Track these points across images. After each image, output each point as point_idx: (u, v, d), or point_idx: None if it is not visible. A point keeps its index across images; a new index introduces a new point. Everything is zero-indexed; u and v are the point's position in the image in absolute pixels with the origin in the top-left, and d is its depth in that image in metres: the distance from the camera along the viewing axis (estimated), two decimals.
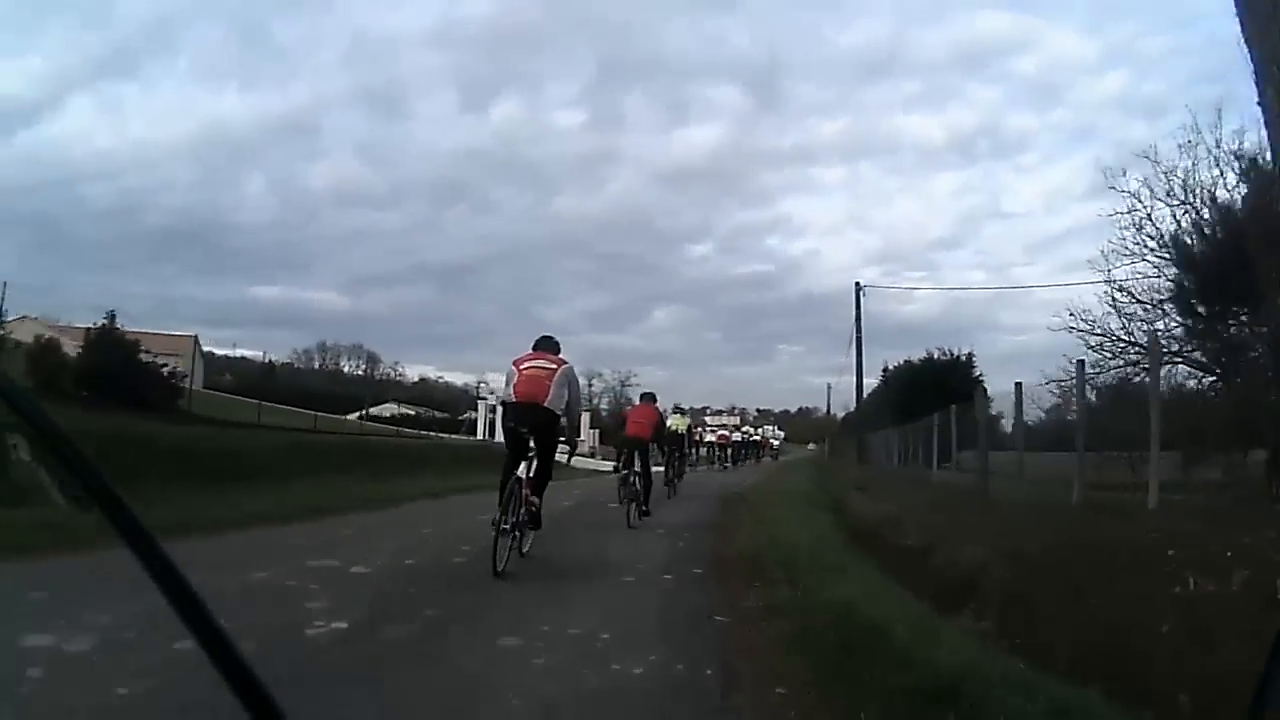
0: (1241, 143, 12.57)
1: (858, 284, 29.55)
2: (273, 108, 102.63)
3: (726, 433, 35.39)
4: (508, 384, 6.94)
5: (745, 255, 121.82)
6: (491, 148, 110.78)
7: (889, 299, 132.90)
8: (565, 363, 7.00)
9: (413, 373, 75.80)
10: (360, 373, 72.36)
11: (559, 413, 6.76)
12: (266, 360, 69.58)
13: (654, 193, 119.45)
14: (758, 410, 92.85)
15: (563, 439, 7.06)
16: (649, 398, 13.32)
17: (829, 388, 59.69)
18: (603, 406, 73.58)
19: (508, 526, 6.19)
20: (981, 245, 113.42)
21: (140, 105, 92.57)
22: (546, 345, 7.24)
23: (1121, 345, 14.56)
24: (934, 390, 24.49)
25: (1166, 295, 13.93)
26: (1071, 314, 15.57)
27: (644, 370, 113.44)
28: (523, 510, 6.47)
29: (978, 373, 28.91)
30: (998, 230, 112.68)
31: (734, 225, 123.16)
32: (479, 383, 55.49)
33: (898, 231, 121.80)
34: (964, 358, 30.90)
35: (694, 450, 24.46)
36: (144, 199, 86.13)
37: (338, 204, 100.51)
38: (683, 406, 21.78)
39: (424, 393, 67.70)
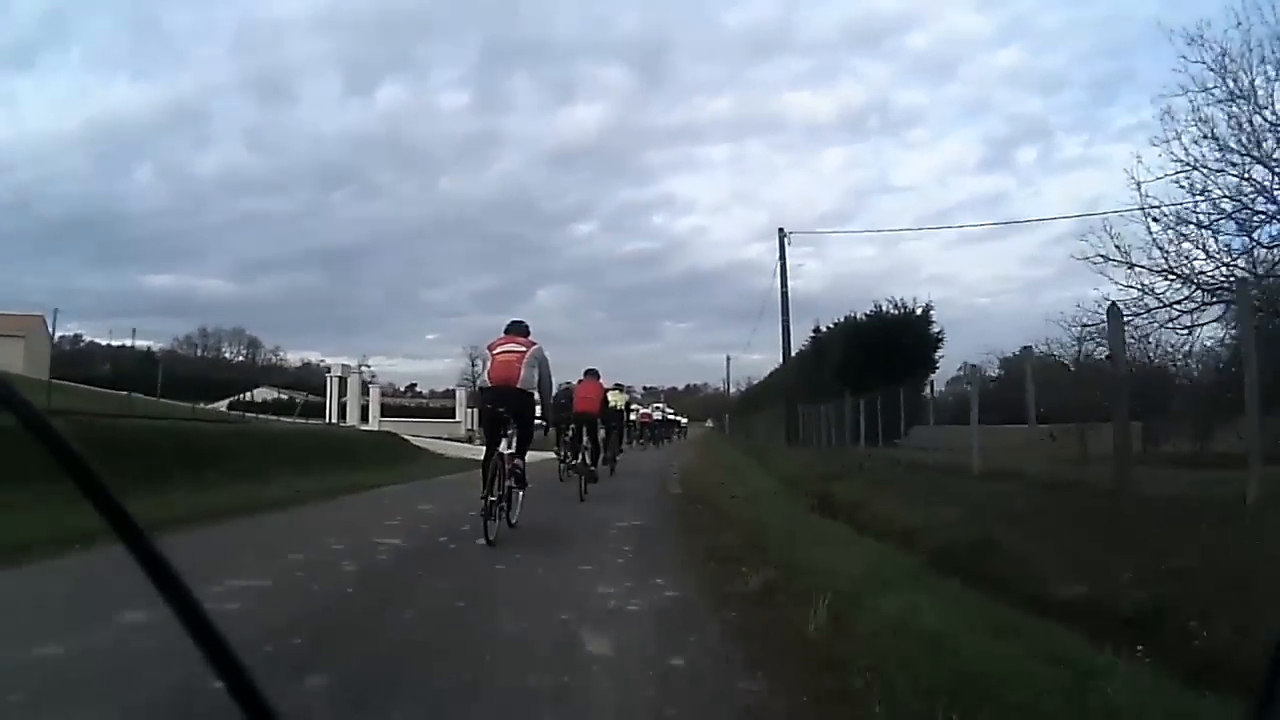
0: None
1: (781, 230, 26.17)
2: (162, 96, 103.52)
3: (648, 412, 36.11)
4: (483, 368, 7.59)
5: (630, 233, 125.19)
6: (377, 131, 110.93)
7: (771, 274, 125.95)
8: (535, 344, 7.57)
9: (295, 358, 75.20)
10: (241, 358, 72.25)
11: (532, 391, 7.40)
12: (146, 349, 66.47)
13: (539, 173, 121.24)
14: (644, 388, 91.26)
15: (539, 417, 7.84)
16: (593, 374, 13.31)
17: (728, 360, 59.61)
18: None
19: (495, 498, 6.80)
20: (871, 219, 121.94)
21: (34, 97, 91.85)
22: (516, 329, 7.74)
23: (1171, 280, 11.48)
24: (882, 353, 22.19)
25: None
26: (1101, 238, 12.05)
27: None
28: (509, 482, 7.10)
29: (937, 330, 25.23)
30: (887, 204, 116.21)
31: (619, 204, 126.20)
32: (360, 365, 55.50)
33: (785, 207, 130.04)
34: (920, 311, 25.45)
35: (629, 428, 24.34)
36: (38, 191, 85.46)
37: (226, 191, 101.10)
38: (621, 384, 21.61)
39: (304, 378, 65.60)
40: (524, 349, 7.42)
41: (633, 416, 29.47)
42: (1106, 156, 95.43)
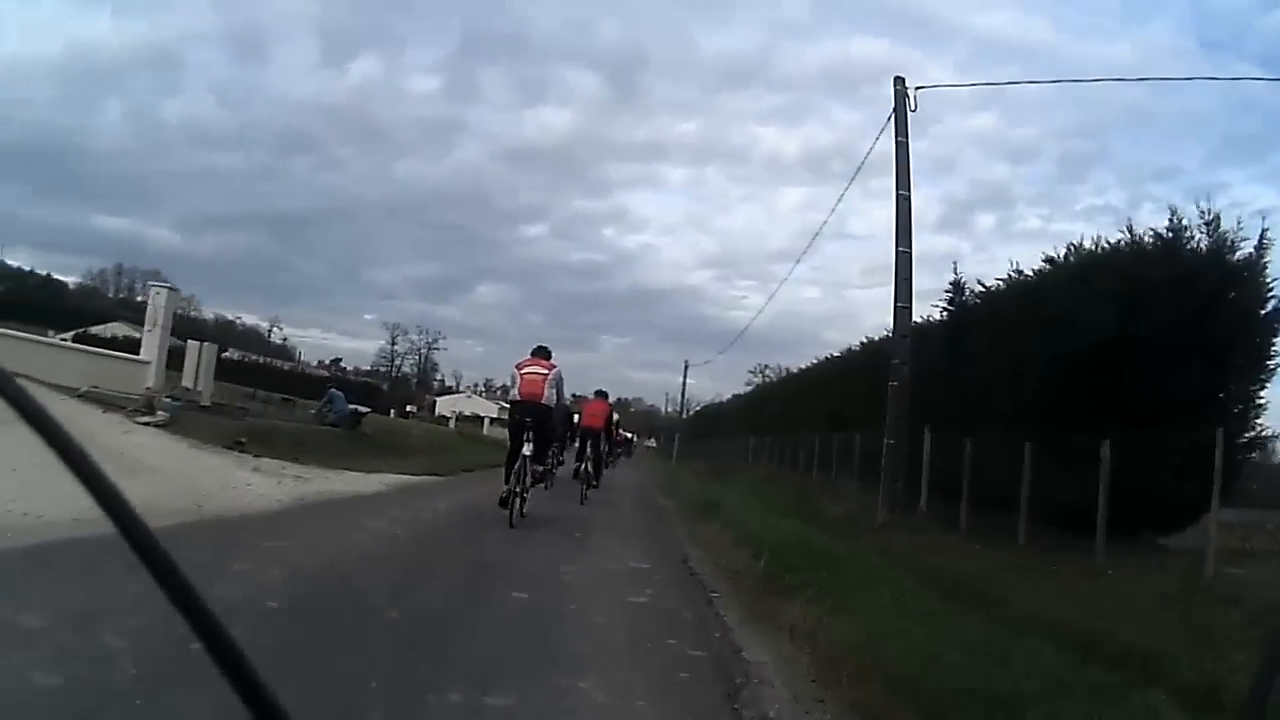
0: None
1: (899, 79, 14.23)
2: (142, 36, 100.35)
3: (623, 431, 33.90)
4: (513, 385, 9.64)
5: (579, 243, 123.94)
6: (344, 104, 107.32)
7: (719, 303, 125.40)
8: (555, 367, 9.42)
9: (210, 312, 70.64)
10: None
11: (552, 406, 9.34)
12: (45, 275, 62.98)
13: (497, 169, 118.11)
14: (574, 395, 79.90)
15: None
16: (602, 394, 17.30)
17: (685, 370, 49.01)
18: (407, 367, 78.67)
19: (519, 490, 8.78)
20: (820, 262, 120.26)
21: (14, 18, 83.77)
22: (541, 353, 9.58)
23: None
24: (1116, 346, 9.91)
25: None
26: None
27: (463, 344, 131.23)
28: (528, 479, 8.98)
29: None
30: (839, 250, 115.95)
31: (572, 211, 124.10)
32: (271, 326, 59.35)
33: (737, 238, 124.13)
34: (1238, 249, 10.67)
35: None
36: (3, 112, 74.05)
37: (189, 141, 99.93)
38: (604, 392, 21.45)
39: (216, 332, 60.27)
40: (547, 371, 9.25)
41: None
42: (1066, 233, 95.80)
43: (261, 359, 55.86)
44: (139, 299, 67.16)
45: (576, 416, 16.68)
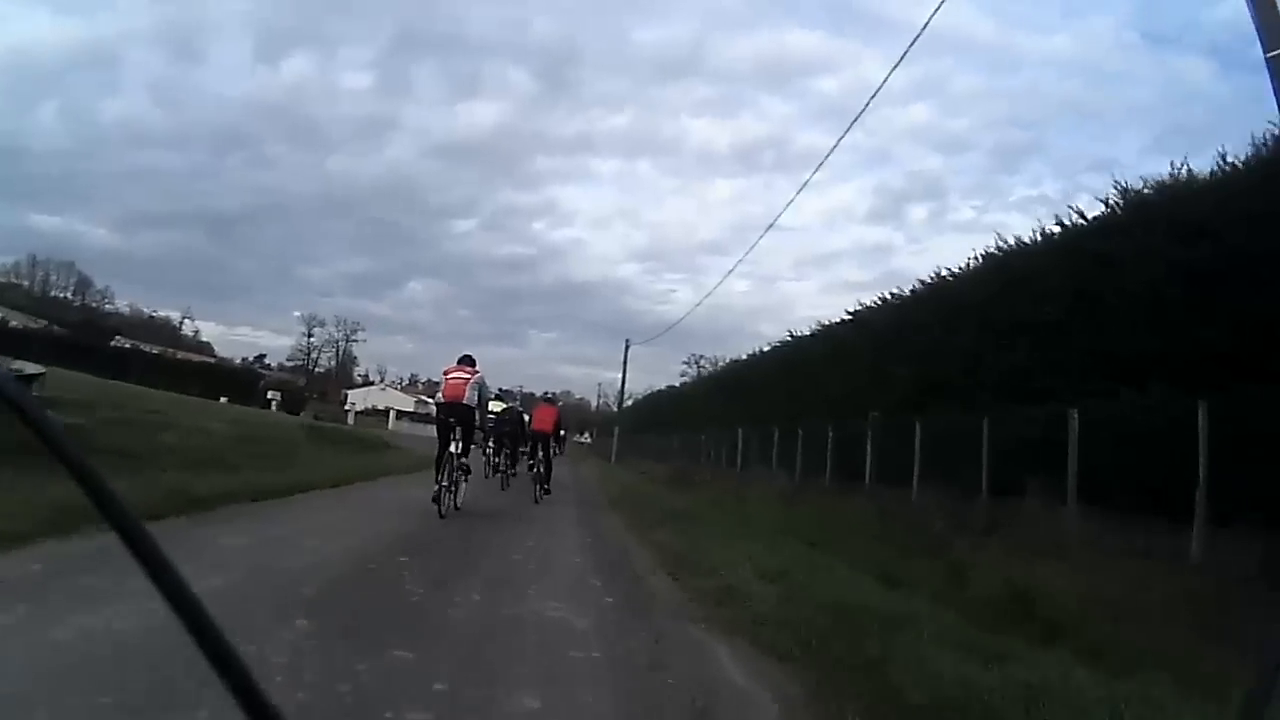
0: None
1: None
2: (80, 35, 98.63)
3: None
4: (439, 389, 10.82)
5: (508, 236, 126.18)
6: (278, 102, 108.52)
7: (648, 296, 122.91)
8: (477, 372, 10.31)
9: (124, 304, 72.40)
10: (67, 296, 71.21)
11: (473, 406, 10.13)
12: None
13: (428, 164, 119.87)
14: (500, 389, 75.89)
15: (478, 425, 10.67)
16: (551, 400, 19.47)
17: (625, 359, 41.55)
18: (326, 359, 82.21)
19: (447, 484, 9.54)
20: (751, 255, 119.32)
21: None
22: (466, 361, 10.46)
23: None
24: None
25: None
26: None
27: (393, 340, 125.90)
28: (456, 473, 9.89)
29: None
30: (770, 242, 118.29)
31: (501, 205, 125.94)
32: (183, 318, 65.54)
33: (666, 231, 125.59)
34: None
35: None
36: None
37: (124, 140, 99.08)
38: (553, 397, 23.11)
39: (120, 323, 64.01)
40: (469, 376, 10.16)
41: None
42: (1000, 224, 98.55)
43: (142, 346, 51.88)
44: (53, 293, 70.13)
45: (528, 418, 16.96)
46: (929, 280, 14.49)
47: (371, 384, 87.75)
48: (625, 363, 42.03)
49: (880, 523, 10.98)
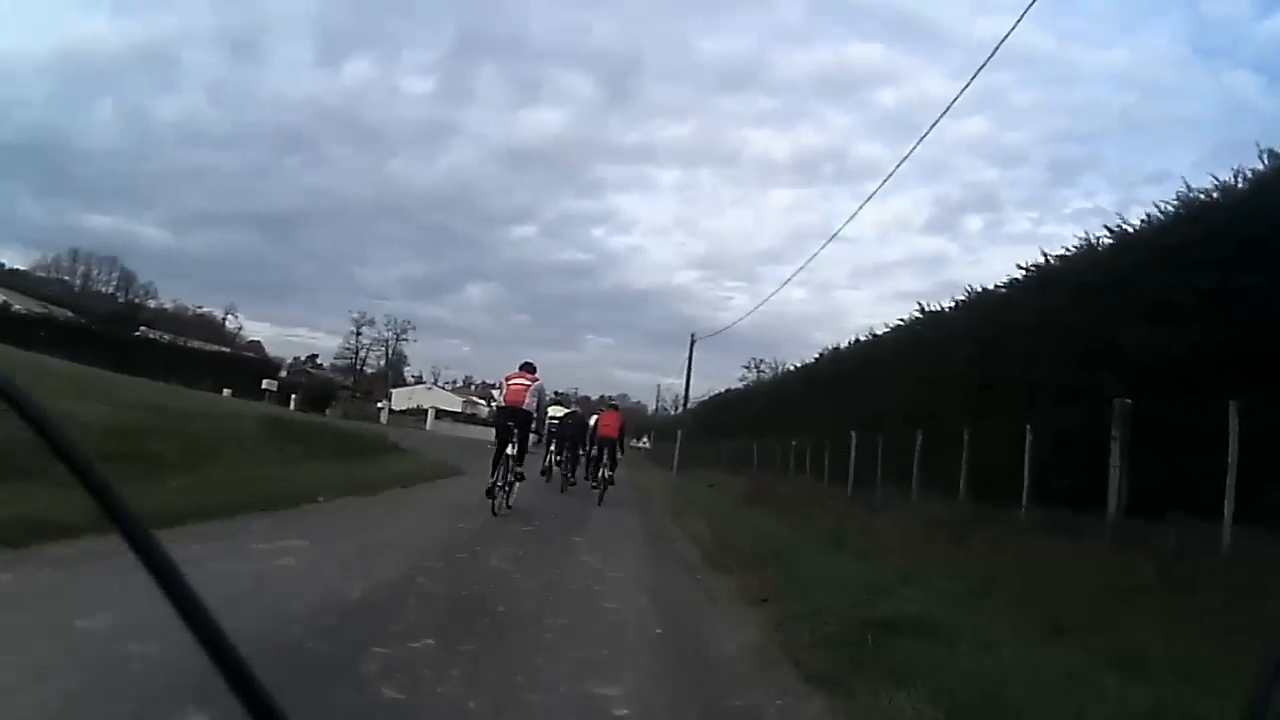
0: None
1: None
2: (139, 35, 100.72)
3: None
4: (500, 393, 11.44)
5: (567, 243, 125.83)
6: (338, 104, 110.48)
7: (705, 303, 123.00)
8: (537, 379, 10.84)
9: (169, 302, 71.56)
10: (110, 290, 69.88)
11: (533, 412, 10.74)
12: None
13: (489, 169, 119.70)
14: (555, 393, 74.77)
15: (534, 430, 11.30)
16: (614, 406, 20.10)
17: (690, 360, 36.38)
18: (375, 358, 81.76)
19: (501, 484, 9.99)
20: (809, 265, 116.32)
21: (11, 16, 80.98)
22: (526, 368, 10.98)
23: None
24: None
25: None
26: None
27: (447, 344, 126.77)
28: (510, 476, 10.21)
29: None
30: (827, 252, 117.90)
31: (561, 212, 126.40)
32: (226, 314, 67.43)
33: (724, 239, 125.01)
34: None
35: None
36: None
37: (181, 140, 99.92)
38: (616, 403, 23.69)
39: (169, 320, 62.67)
40: (529, 383, 10.64)
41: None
42: (1054, 235, 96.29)
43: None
44: (97, 288, 69.98)
45: (594, 420, 17.25)
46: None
47: (421, 384, 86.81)
48: (690, 358, 37.01)
49: (1184, 591, 5.82)
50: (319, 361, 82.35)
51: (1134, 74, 78.54)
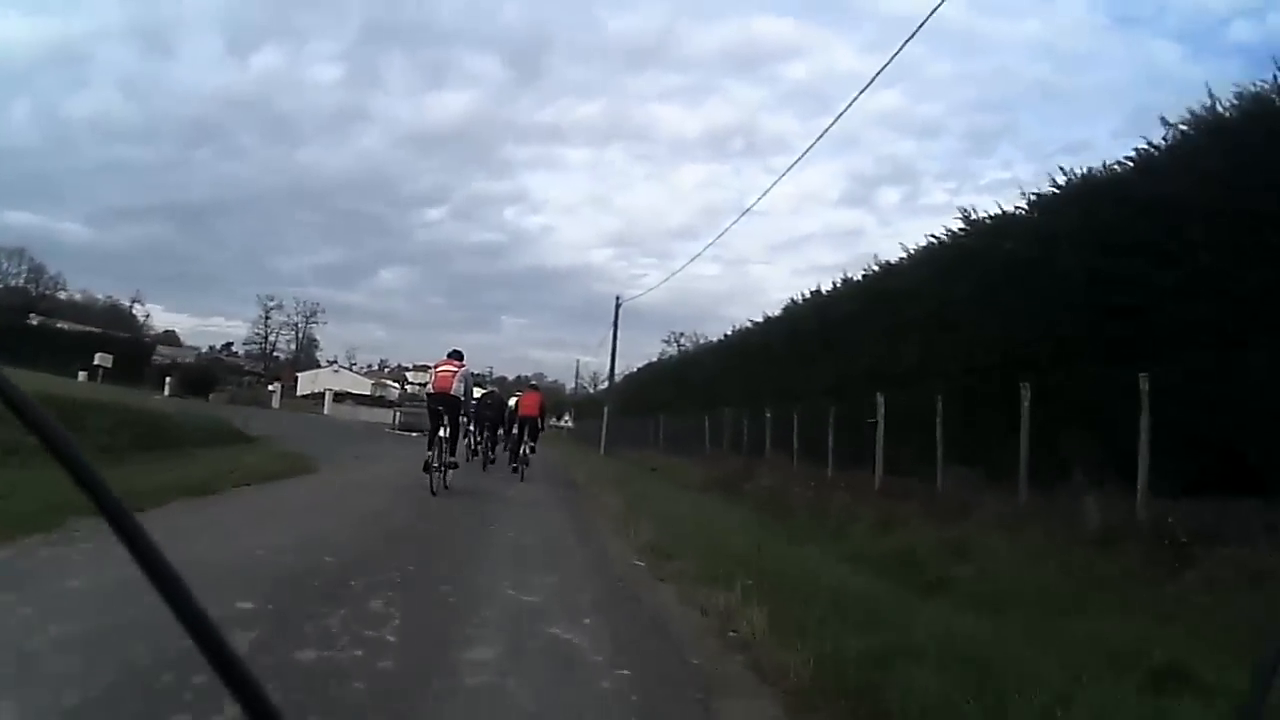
0: None
1: None
2: (52, 34, 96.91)
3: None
4: (429, 380, 11.69)
5: (480, 224, 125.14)
6: (248, 95, 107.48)
7: (619, 281, 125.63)
8: (464, 366, 11.23)
9: (75, 291, 70.69)
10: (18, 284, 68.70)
11: (460, 397, 11.02)
12: None
13: (399, 154, 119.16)
14: (471, 373, 75.40)
15: (463, 414, 11.67)
16: (534, 387, 21.25)
17: (616, 305, 32.53)
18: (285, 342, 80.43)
19: (437, 465, 10.43)
20: (721, 239, 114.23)
21: None
22: (455, 356, 11.30)
23: None
24: None
25: None
26: None
27: (364, 328, 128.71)
28: (446, 456, 10.65)
29: None
30: (740, 226, 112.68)
31: (473, 193, 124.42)
32: (132, 303, 65.43)
33: (637, 216, 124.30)
34: None
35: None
36: None
37: (96, 136, 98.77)
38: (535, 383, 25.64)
39: (77, 312, 62.81)
40: (456, 369, 10.99)
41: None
42: (971, 205, 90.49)
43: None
44: (44, 289, 67.79)
45: (514, 401, 17.80)
46: None
47: (329, 366, 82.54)
48: (616, 326, 32.95)
49: None
50: (234, 350, 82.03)
51: (1049, 44, 77.04)
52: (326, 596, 4.38)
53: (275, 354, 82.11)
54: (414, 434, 28.38)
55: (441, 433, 10.61)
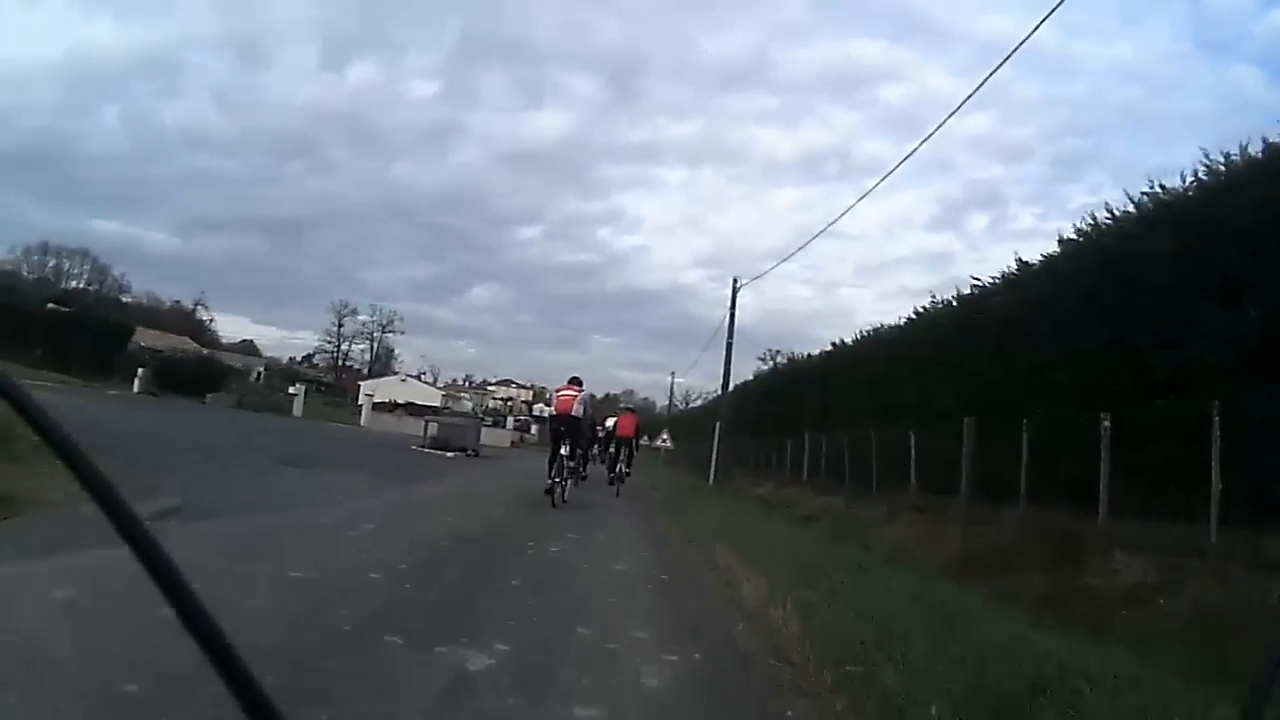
0: None
1: None
2: (142, 41, 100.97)
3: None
4: (550, 403, 13.96)
5: (573, 244, 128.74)
6: (342, 108, 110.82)
7: (711, 302, 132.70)
8: (583, 390, 13.16)
9: (140, 293, 71.18)
10: (83, 285, 69.07)
11: (580, 418, 12.96)
12: None
13: (494, 171, 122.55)
14: (591, 395, 74.73)
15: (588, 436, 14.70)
16: (630, 409, 23.41)
17: (734, 288, 24.66)
18: (358, 347, 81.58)
19: (558, 480, 12.02)
20: (812, 261, 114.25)
21: (15, 23, 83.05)
22: (575, 381, 13.16)
23: None
24: None
25: None
26: None
27: (455, 345, 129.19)
28: (566, 473, 12.46)
29: None
30: (831, 249, 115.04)
31: (567, 213, 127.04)
32: (195, 305, 69.02)
33: (730, 238, 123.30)
34: None
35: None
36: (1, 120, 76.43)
37: (185, 146, 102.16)
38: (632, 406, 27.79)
39: (142, 314, 59.85)
40: (576, 393, 12.84)
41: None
42: (1059, 230, 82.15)
43: None
44: (108, 290, 68.19)
45: (612, 422, 20.38)
46: None
47: (395, 377, 79.55)
48: (733, 310, 25.09)
49: None
50: (315, 361, 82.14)
51: (1136, 68, 79.01)
52: None
53: (348, 363, 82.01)
54: (449, 454, 21.99)
55: (563, 451, 12.46)
